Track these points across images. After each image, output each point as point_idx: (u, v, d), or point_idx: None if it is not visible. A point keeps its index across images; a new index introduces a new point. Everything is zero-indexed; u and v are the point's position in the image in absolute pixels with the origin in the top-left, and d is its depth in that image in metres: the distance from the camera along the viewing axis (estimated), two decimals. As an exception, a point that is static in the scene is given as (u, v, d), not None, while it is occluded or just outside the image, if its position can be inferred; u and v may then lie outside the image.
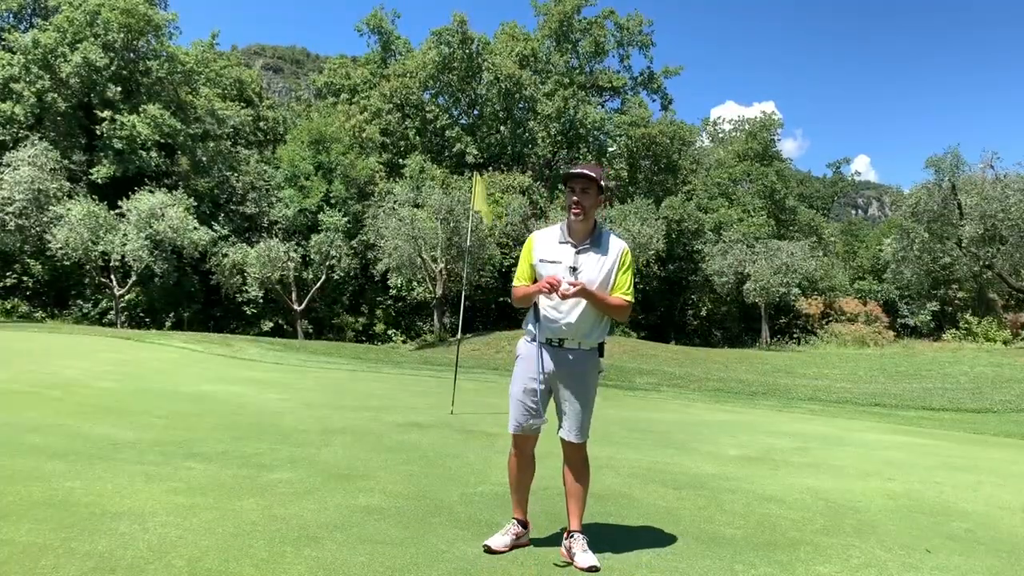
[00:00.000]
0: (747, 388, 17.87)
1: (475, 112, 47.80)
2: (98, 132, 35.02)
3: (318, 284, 36.27)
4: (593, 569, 3.47)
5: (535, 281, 3.73)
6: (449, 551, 3.65)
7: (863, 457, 7.31)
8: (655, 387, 17.44)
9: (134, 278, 30.59)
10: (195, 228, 31.21)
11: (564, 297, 3.51)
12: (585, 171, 3.63)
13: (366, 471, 5.33)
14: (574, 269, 3.63)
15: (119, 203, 30.74)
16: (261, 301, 36.32)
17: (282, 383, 11.87)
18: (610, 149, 48.47)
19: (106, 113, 34.59)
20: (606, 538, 3.98)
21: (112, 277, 30.57)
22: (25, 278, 34.17)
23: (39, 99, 34.14)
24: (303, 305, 35.42)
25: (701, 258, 40.96)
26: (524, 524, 3.86)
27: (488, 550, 3.63)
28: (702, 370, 22.71)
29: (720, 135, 62.15)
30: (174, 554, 3.38)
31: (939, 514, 4.99)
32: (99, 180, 34.08)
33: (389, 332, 39.11)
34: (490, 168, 42.56)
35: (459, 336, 12.84)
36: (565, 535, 3.73)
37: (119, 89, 35.62)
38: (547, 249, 3.73)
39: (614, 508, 4.66)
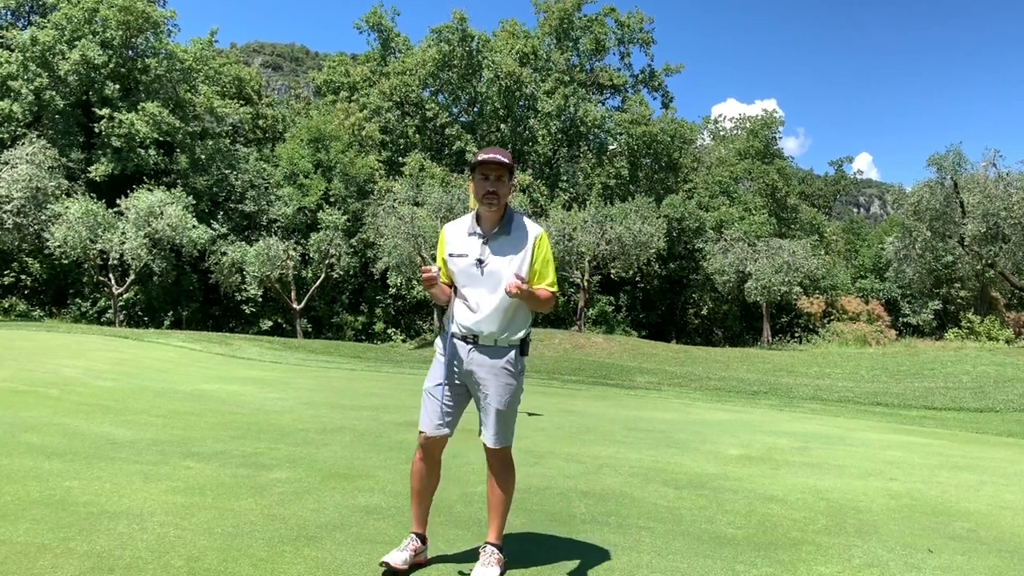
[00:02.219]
0: (748, 387, 17.83)
1: (475, 110, 47.80)
2: (96, 130, 34.97)
3: (317, 283, 36.21)
4: None
5: (450, 278, 3.47)
6: (449, 551, 3.63)
7: (865, 457, 7.28)
8: (656, 386, 17.40)
9: (132, 277, 30.53)
10: (194, 226, 31.12)
11: (510, 294, 3.19)
12: (499, 157, 3.31)
13: (365, 470, 5.31)
14: (481, 262, 3.34)
15: (117, 201, 30.66)
16: (260, 300, 36.24)
17: (281, 382, 11.85)
18: (611, 147, 48.49)
19: (104, 111, 34.52)
20: (606, 538, 3.96)
21: (110, 276, 30.51)
22: (23, 277, 34.10)
23: (37, 97, 34.05)
24: (302, 304, 35.37)
25: (702, 257, 40.93)
26: (423, 539, 3.50)
27: (386, 566, 3.27)
28: (703, 369, 22.68)
29: (721, 133, 62.06)
30: (172, 554, 3.36)
31: (941, 514, 4.97)
32: (97, 178, 34.03)
33: (389, 331, 39.05)
34: (490, 167, 42.53)
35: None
36: (482, 545, 3.42)
37: (117, 87, 35.57)
38: (456, 243, 3.43)
39: (614, 508, 4.63)
